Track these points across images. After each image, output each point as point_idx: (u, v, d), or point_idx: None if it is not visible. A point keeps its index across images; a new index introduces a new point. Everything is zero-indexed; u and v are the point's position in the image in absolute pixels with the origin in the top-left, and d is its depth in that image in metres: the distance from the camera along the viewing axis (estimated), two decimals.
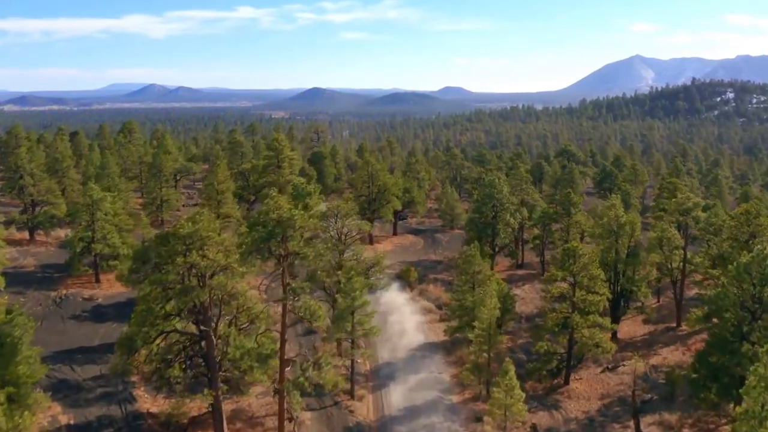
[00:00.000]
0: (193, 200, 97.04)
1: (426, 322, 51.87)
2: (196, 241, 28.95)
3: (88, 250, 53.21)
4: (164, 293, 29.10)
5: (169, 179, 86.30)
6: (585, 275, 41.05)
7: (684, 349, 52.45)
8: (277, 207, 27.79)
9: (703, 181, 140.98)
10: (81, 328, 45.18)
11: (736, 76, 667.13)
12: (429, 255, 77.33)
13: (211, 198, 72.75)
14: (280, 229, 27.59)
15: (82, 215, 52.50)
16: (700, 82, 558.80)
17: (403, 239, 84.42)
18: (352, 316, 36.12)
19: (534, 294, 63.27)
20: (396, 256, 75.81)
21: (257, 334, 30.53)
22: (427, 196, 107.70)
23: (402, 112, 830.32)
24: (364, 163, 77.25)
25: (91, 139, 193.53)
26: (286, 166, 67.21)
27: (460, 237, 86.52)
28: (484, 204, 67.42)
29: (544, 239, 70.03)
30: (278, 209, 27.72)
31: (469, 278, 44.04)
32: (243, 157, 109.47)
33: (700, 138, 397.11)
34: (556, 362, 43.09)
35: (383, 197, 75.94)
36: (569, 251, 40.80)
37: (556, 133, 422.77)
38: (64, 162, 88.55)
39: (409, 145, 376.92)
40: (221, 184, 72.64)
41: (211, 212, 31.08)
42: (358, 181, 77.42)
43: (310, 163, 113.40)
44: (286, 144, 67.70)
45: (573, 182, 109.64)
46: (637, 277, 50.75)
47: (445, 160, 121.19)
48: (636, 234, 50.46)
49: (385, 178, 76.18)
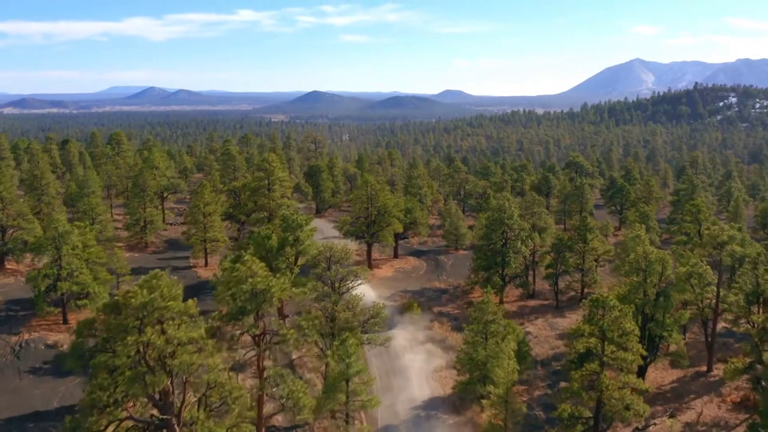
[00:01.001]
0: (181, 217, 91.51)
1: (432, 371, 46.25)
2: (153, 312, 23.41)
3: (55, 288, 47.67)
4: (113, 380, 23.56)
5: (153, 198, 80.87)
6: (616, 330, 35.50)
7: (719, 401, 46.94)
8: (250, 274, 22.26)
9: (716, 194, 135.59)
10: (38, 386, 39.63)
11: (736, 80, 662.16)
12: (432, 281, 71.78)
13: (197, 221, 67.33)
14: (254, 304, 22.11)
15: (47, 249, 46.94)
16: (702, 86, 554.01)
17: (405, 262, 78.86)
18: (347, 384, 30.60)
19: (548, 331, 57.71)
20: (397, 284, 70.35)
21: (230, 427, 24.93)
22: (429, 211, 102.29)
23: (402, 115, 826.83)
24: (363, 182, 71.69)
25: (85, 142, 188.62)
26: (278, 189, 61.70)
27: (465, 259, 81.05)
28: (493, 230, 61.90)
29: (558, 267, 64.52)
30: (252, 276, 22.18)
31: (481, 328, 38.58)
32: (235, 171, 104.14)
33: (704, 144, 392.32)
34: (582, 427, 37.54)
35: (383, 219, 70.41)
36: (598, 302, 35.27)
37: (558, 139, 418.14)
38: (43, 179, 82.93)
39: (409, 151, 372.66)
40: (208, 206, 67.24)
41: (169, 274, 25.33)
42: (356, 201, 71.88)
43: (307, 177, 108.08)
44: (278, 164, 62.18)
45: (583, 197, 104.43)
46: (668, 321, 45.18)
47: (447, 173, 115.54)
48: (667, 273, 44.91)
49: (385, 199, 70.66)
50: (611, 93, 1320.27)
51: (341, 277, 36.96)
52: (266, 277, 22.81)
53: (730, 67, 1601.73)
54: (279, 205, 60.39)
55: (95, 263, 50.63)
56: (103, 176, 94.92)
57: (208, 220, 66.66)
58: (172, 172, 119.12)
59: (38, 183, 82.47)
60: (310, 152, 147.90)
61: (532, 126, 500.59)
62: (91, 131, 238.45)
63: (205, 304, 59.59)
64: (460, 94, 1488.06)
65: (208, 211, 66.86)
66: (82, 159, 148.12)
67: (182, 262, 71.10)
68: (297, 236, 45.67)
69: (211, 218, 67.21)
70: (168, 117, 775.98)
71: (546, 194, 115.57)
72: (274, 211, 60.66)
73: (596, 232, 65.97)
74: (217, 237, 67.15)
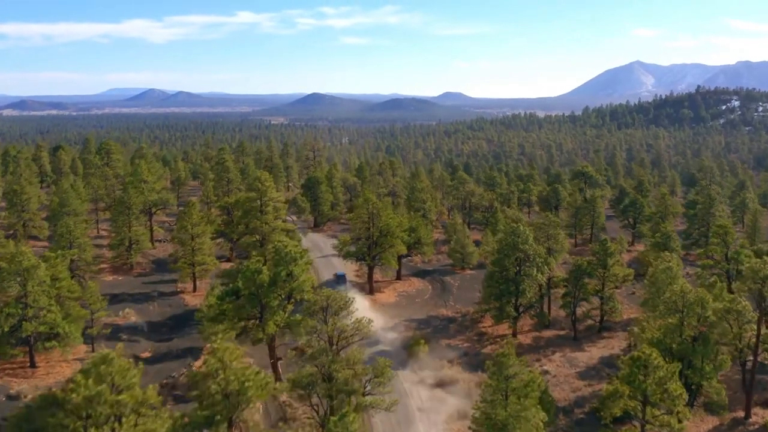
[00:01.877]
0: (172, 232, 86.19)
1: (444, 427, 40.98)
2: (101, 407, 18.30)
3: (20, 328, 42.56)
4: None
5: (140, 216, 75.84)
6: (660, 393, 30.45)
7: None
8: (222, 366, 17.21)
9: (730, 204, 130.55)
10: None
11: (736, 82, 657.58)
12: (439, 307, 66.62)
13: (184, 243, 62.22)
14: (225, 410, 17.06)
15: (10, 285, 41.80)
16: (704, 89, 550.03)
17: (408, 285, 73.75)
18: None
19: (568, 368, 52.59)
20: (401, 311, 65.22)
21: None
22: (433, 225, 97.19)
23: (402, 118, 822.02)
24: (364, 200, 66.63)
25: (82, 146, 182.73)
26: (271, 211, 56.53)
27: (472, 280, 76.06)
28: (506, 256, 56.76)
29: (576, 294, 59.43)
30: (224, 370, 17.12)
31: (501, 385, 33.55)
32: (229, 184, 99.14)
33: (707, 148, 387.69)
34: None
35: (386, 240, 65.38)
36: (640, 361, 30.22)
37: (560, 143, 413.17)
38: (23, 194, 77.96)
39: (410, 156, 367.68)
40: (196, 227, 62.17)
41: (123, 354, 20.18)
42: (356, 221, 66.83)
43: (305, 189, 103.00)
44: (271, 183, 56.99)
45: (594, 211, 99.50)
46: (707, 368, 40.13)
47: (452, 184, 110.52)
48: (707, 315, 39.87)
49: (387, 218, 65.62)
50: (611, 95, 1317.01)
51: (340, 331, 31.92)
52: (242, 373, 17.77)
53: (730, 69, 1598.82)
54: (272, 229, 55.32)
55: (67, 298, 45.53)
56: (90, 189, 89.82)
57: (197, 243, 61.58)
58: (162, 184, 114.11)
59: (18, 199, 77.60)
60: (309, 161, 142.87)
61: (534, 129, 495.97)
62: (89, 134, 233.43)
63: (191, 339, 54.65)
64: (459, 96, 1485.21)
65: (197, 232, 61.82)
66: (74, 166, 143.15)
67: (169, 287, 66.02)
68: (290, 271, 40.66)
69: (200, 240, 62.16)
70: (167, 119, 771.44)
71: (555, 207, 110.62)
72: (267, 235, 55.61)
73: (617, 257, 60.90)
74: (206, 261, 62.10)
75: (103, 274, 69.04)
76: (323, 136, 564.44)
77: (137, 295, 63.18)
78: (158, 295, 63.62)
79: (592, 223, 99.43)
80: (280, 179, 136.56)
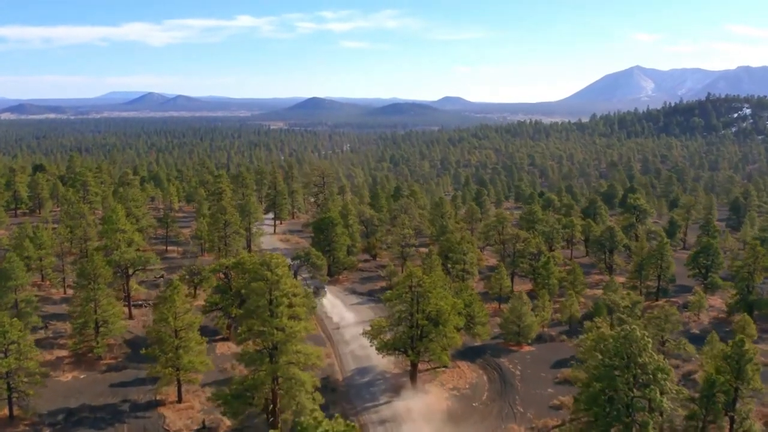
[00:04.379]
0: (160, 289, 69.30)
1: None
2: None
3: None
4: None
5: (113, 282, 59.26)
6: None
7: None
8: None
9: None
10: None
11: (737, 87, 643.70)
12: (507, 421, 49.67)
13: (163, 341, 45.47)
14: None
15: None
16: (715, 97, 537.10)
17: (459, 376, 56.98)
18: None
19: None
20: (456, 427, 48.47)
21: None
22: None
23: (402, 122, 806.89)
24: (407, 275, 50.00)
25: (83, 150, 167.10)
26: (284, 310, 39.45)
27: (535, 364, 59.69)
28: (618, 371, 40.21)
29: (706, 418, 42.95)
30: None
31: None
32: (227, 227, 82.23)
33: (723, 159, 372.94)
34: None
35: (437, 331, 48.82)
36: None
37: (571, 153, 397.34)
38: None
39: (416, 168, 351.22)
40: (179, 319, 45.51)
41: None
42: (395, 300, 50.09)
43: (316, 231, 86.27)
44: (285, 270, 39.94)
45: (663, 260, 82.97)
46: None
47: (489, 224, 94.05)
48: None
49: (438, 300, 49.07)
50: (611, 100, 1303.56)
51: None
52: None
53: (730, 75, 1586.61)
54: (288, 336, 38.57)
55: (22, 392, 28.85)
56: (57, 238, 73.10)
57: (181, 341, 44.92)
58: (149, 221, 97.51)
59: None
60: (317, 187, 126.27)
61: (541, 138, 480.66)
62: (85, 140, 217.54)
63: None
64: (459, 100, 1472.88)
65: (180, 325, 45.18)
66: (55, 191, 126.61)
67: (145, 393, 49.11)
68: None
69: (186, 335, 45.51)
70: (166, 123, 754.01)
71: (610, 250, 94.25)
72: (280, 344, 38.89)
73: (758, 365, 44.33)
74: (194, 364, 45.43)
75: (60, 368, 52.31)
76: (324, 143, 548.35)
77: (100, 410, 46.34)
78: (130, 410, 46.84)
79: (659, 275, 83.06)
80: (284, 207, 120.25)
